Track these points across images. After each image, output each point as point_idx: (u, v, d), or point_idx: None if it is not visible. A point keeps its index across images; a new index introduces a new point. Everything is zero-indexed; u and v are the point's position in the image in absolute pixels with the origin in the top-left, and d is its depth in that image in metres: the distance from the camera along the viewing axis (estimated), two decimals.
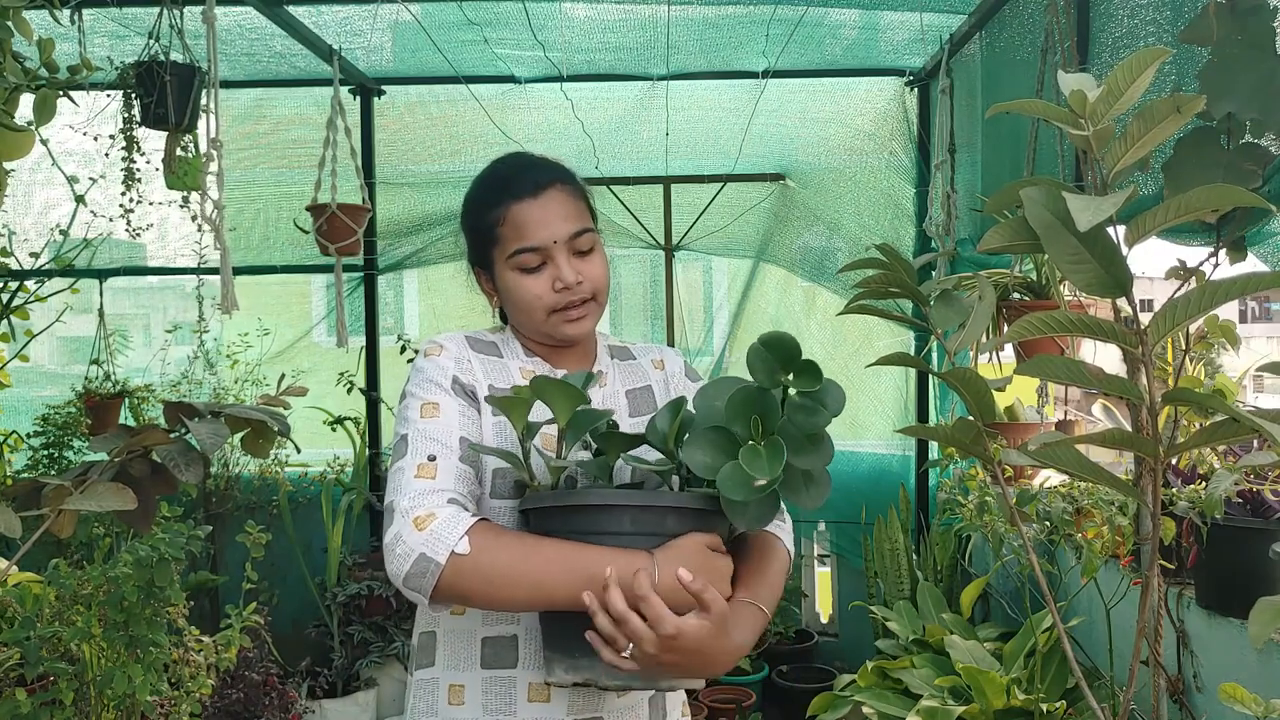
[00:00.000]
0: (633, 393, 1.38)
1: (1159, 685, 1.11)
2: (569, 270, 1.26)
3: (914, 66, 3.58)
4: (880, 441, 3.94)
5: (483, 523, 1.13)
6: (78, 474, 1.11)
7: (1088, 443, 0.91)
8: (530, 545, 1.11)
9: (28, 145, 1.26)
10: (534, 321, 1.30)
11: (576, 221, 1.28)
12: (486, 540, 1.09)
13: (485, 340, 1.35)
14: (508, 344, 1.36)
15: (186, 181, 2.67)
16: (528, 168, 1.32)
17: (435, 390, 1.24)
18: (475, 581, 1.09)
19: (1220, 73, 1.30)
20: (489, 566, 1.08)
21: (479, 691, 1.22)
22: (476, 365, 1.29)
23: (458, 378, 1.26)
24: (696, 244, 4.06)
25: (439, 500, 1.14)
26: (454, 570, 1.08)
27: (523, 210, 1.27)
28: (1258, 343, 19.67)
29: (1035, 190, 0.81)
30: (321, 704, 3.41)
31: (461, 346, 1.31)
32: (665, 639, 1.03)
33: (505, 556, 1.09)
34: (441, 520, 1.10)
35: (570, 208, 1.29)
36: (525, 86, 3.65)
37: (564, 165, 1.37)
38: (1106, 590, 2.31)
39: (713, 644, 1.07)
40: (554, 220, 1.27)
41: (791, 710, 3.44)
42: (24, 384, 3.90)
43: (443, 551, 1.08)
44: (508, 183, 1.30)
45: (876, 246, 0.98)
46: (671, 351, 1.45)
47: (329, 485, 3.76)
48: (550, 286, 1.27)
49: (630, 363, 1.42)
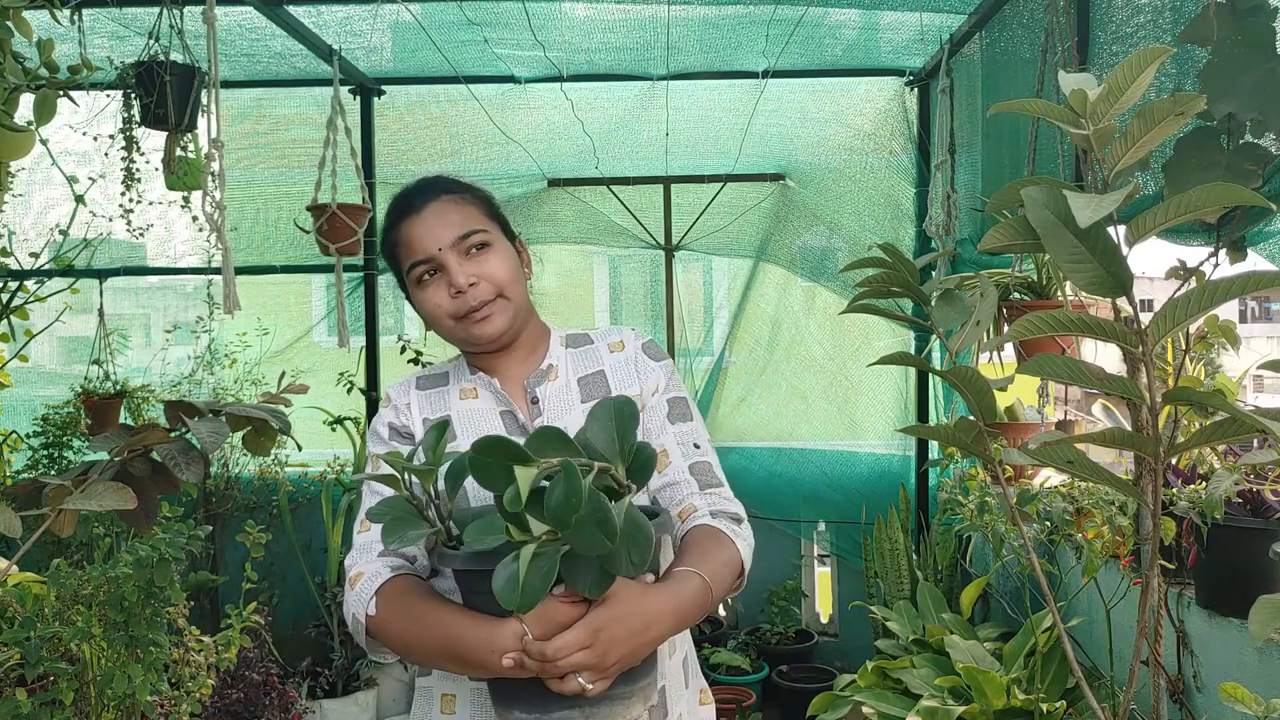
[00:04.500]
0: (584, 379, 1.37)
1: (1159, 685, 1.12)
2: (459, 273, 1.28)
3: (914, 66, 3.58)
4: (880, 441, 3.94)
5: (393, 583, 1.19)
6: (78, 473, 1.11)
7: (1088, 442, 0.91)
8: (416, 615, 1.14)
9: (28, 145, 1.26)
10: (446, 331, 1.32)
11: (461, 226, 1.30)
12: (388, 605, 1.17)
13: (436, 374, 1.40)
14: (458, 368, 1.40)
15: (187, 181, 2.67)
16: (416, 189, 1.35)
17: (377, 443, 1.34)
18: (386, 640, 1.18)
19: (1220, 73, 1.30)
20: (390, 631, 1.16)
21: (468, 702, 1.25)
22: (415, 405, 1.35)
23: (392, 423, 1.34)
24: (696, 244, 4.06)
25: (370, 556, 1.23)
26: (371, 628, 1.18)
27: (409, 227, 1.31)
28: (1258, 343, 19.67)
29: (1036, 190, 0.81)
30: (321, 704, 3.41)
31: (403, 391, 1.37)
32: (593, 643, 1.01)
33: (399, 626, 1.16)
34: (364, 579, 1.20)
35: (455, 214, 1.31)
36: (525, 86, 3.65)
37: (458, 179, 1.38)
38: (1106, 590, 2.31)
39: (633, 609, 1.04)
40: (437, 228, 1.29)
41: (791, 710, 3.44)
42: (24, 384, 3.90)
43: (360, 612, 1.17)
44: (399, 206, 1.34)
45: (879, 246, 0.98)
46: (631, 333, 1.43)
47: (329, 485, 3.76)
48: (448, 294, 1.29)
49: (586, 349, 1.41)
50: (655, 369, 1.38)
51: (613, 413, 1.04)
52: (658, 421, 1.34)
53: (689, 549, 1.20)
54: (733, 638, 3.80)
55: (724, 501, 1.30)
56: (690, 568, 1.14)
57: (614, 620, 1.02)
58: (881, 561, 3.50)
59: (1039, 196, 0.80)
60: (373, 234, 3.67)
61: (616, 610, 1.02)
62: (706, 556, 1.18)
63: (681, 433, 1.34)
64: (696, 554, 1.18)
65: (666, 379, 1.38)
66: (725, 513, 1.28)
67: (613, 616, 1.02)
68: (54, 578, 2.08)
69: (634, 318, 4.33)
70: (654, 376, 1.37)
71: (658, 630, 1.06)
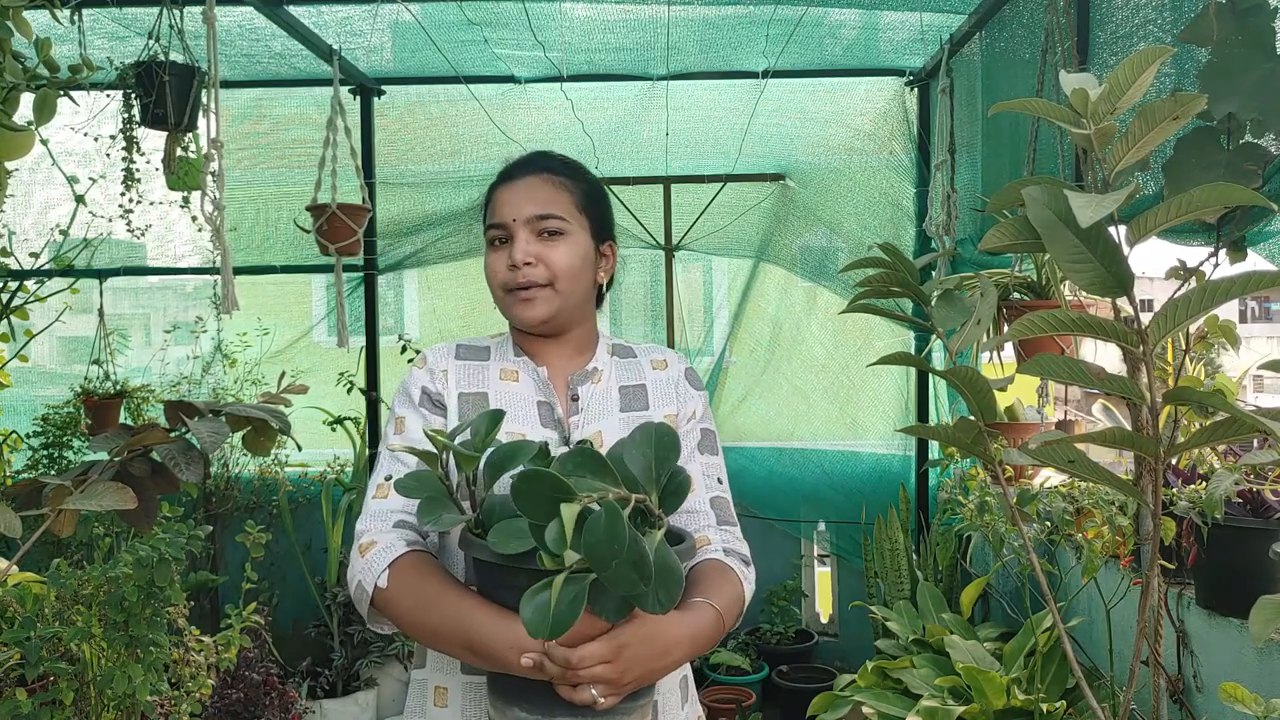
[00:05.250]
0: (626, 389, 1.39)
1: (1159, 685, 1.12)
2: (520, 249, 1.29)
3: (914, 66, 3.58)
4: (880, 441, 3.94)
5: (408, 558, 1.17)
6: (78, 474, 1.11)
7: (1088, 442, 0.91)
8: (432, 596, 1.12)
9: (28, 145, 1.26)
10: (495, 299, 1.34)
11: (543, 206, 1.31)
12: (401, 581, 1.15)
13: (477, 346, 1.38)
14: (500, 346, 1.39)
15: (187, 181, 2.67)
16: (523, 158, 1.38)
17: (405, 405, 1.31)
18: (393, 615, 1.16)
19: (1220, 73, 1.30)
20: (400, 607, 1.14)
21: (459, 695, 1.25)
22: (452, 373, 1.33)
23: (426, 388, 1.31)
24: (697, 244, 4.06)
25: (385, 524, 1.21)
26: (378, 600, 1.16)
27: (499, 192, 1.34)
28: (1258, 343, 19.68)
29: (1037, 189, 0.81)
30: (321, 704, 3.41)
31: (441, 356, 1.35)
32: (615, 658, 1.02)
33: (410, 603, 1.14)
34: (378, 549, 1.18)
35: (543, 194, 1.32)
36: (525, 86, 3.65)
37: (569, 162, 1.39)
38: (1106, 590, 2.31)
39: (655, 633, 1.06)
40: (520, 200, 1.31)
41: (791, 710, 3.44)
42: (24, 384, 3.90)
43: (369, 582, 1.16)
44: (505, 171, 1.37)
45: (879, 246, 0.98)
46: (675, 355, 1.46)
47: (329, 485, 3.76)
48: (506, 264, 1.30)
49: (630, 360, 1.43)
50: (695, 396, 1.42)
51: (654, 440, 1.05)
52: (688, 449, 1.37)
53: (703, 579, 1.23)
54: (733, 637, 3.81)
55: (736, 542, 1.34)
56: (706, 600, 1.17)
57: (638, 640, 1.04)
58: (881, 561, 3.50)
59: (1040, 196, 0.80)
60: (373, 234, 3.68)
61: (641, 631, 1.05)
62: (720, 591, 1.21)
63: (709, 464, 1.38)
64: (712, 587, 1.21)
65: (703, 409, 1.42)
66: (737, 553, 1.32)
67: (638, 636, 1.04)
68: (54, 578, 2.08)
69: (634, 318, 4.33)
70: (693, 403, 1.41)
71: (675, 656, 1.09)
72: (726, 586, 1.23)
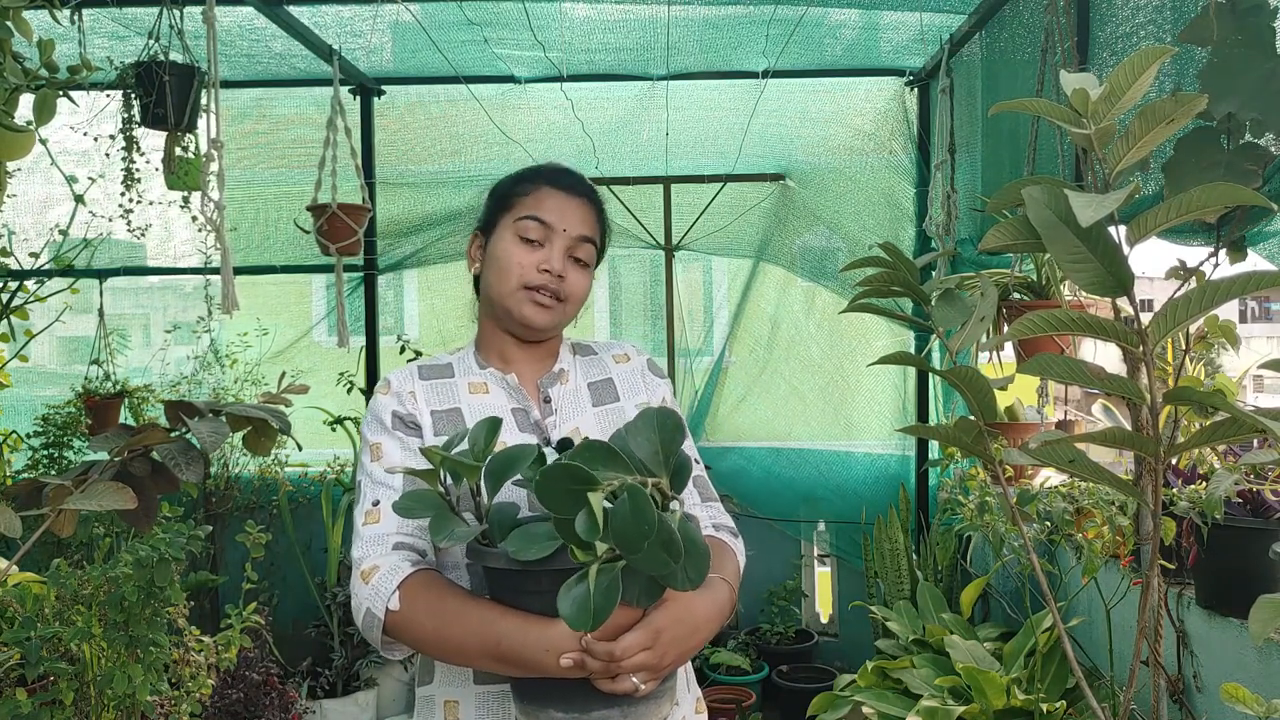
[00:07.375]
0: (594, 385, 1.42)
1: (1159, 685, 1.12)
2: (558, 259, 1.32)
3: (914, 66, 3.58)
4: (880, 442, 3.94)
5: (417, 577, 1.16)
6: (78, 473, 1.11)
7: (1088, 442, 0.91)
8: (452, 612, 1.11)
9: (28, 145, 1.26)
10: (504, 289, 1.33)
11: (589, 230, 1.36)
12: (415, 600, 1.13)
13: (439, 364, 1.39)
14: (462, 361, 1.40)
15: (187, 181, 2.67)
16: (574, 174, 1.41)
17: (379, 431, 1.30)
18: (411, 637, 1.14)
19: (1220, 73, 1.30)
20: (417, 627, 1.12)
21: (473, 707, 1.23)
22: (420, 393, 1.33)
23: (396, 411, 1.31)
24: (696, 244, 4.06)
25: (384, 548, 1.19)
26: (392, 624, 1.14)
27: (552, 194, 1.35)
28: (1258, 343, 19.67)
29: (1037, 189, 0.81)
30: (322, 704, 3.41)
31: (405, 379, 1.35)
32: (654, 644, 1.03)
33: (429, 621, 1.12)
34: (382, 573, 1.16)
35: (589, 218, 1.37)
36: (525, 86, 3.65)
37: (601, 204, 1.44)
38: (1106, 590, 2.31)
39: (685, 612, 1.08)
40: (571, 216, 1.34)
41: (791, 710, 3.44)
42: (24, 384, 3.89)
43: (380, 607, 1.13)
44: (552, 174, 1.39)
45: (879, 245, 0.98)
46: (632, 347, 1.50)
47: (329, 485, 3.76)
48: (536, 264, 1.31)
49: (591, 358, 1.47)
50: (660, 384, 1.47)
51: (656, 424, 1.06)
52: None
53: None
54: (733, 638, 3.80)
55: (721, 515, 1.40)
56: (717, 574, 1.19)
57: (673, 622, 1.06)
58: (881, 561, 3.50)
59: (1040, 196, 0.80)
60: (373, 234, 3.68)
61: (674, 613, 1.07)
62: (724, 565, 1.26)
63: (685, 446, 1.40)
64: (716, 562, 1.22)
65: (670, 396, 1.47)
66: (725, 526, 1.38)
67: (671, 618, 1.06)
68: (54, 578, 2.08)
69: (634, 318, 4.33)
70: (660, 390, 1.46)
71: (705, 632, 1.12)
72: (728, 560, 1.29)
